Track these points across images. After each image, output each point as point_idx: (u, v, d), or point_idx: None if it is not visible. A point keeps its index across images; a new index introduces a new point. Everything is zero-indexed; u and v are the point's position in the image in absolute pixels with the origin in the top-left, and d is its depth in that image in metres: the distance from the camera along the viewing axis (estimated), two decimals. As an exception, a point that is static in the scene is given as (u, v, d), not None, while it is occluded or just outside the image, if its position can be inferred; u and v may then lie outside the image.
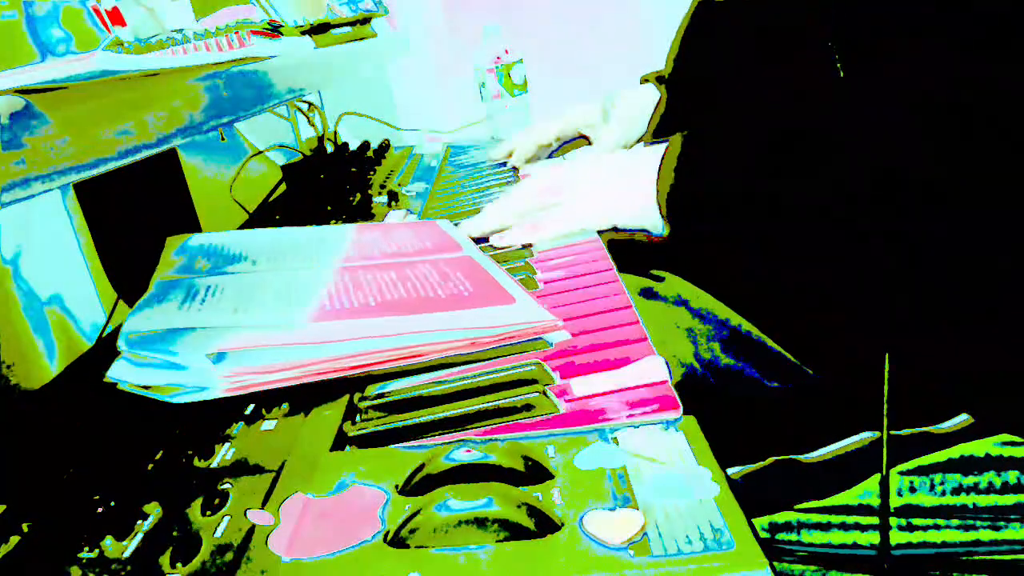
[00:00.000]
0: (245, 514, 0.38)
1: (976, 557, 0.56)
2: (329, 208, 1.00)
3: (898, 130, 0.47)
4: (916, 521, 0.57)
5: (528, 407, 0.46)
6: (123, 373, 0.50)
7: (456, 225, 0.80)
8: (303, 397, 0.50)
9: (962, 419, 0.56)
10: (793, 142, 0.51)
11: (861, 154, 0.47)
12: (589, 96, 1.05)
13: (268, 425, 0.48)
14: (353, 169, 1.20)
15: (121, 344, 0.51)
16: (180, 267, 0.68)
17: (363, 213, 0.97)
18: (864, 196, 0.49)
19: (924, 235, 0.51)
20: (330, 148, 1.31)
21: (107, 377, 0.50)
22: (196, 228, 0.91)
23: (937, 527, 0.56)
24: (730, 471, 0.60)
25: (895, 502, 0.56)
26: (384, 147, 1.36)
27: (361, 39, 1.07)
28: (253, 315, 0.56)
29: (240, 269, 0.68)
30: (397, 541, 0.35)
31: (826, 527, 0.59)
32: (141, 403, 0.49)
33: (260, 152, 1.20)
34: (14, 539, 0.39)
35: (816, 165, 0.50)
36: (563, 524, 0.34)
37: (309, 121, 1.28)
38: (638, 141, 0.99)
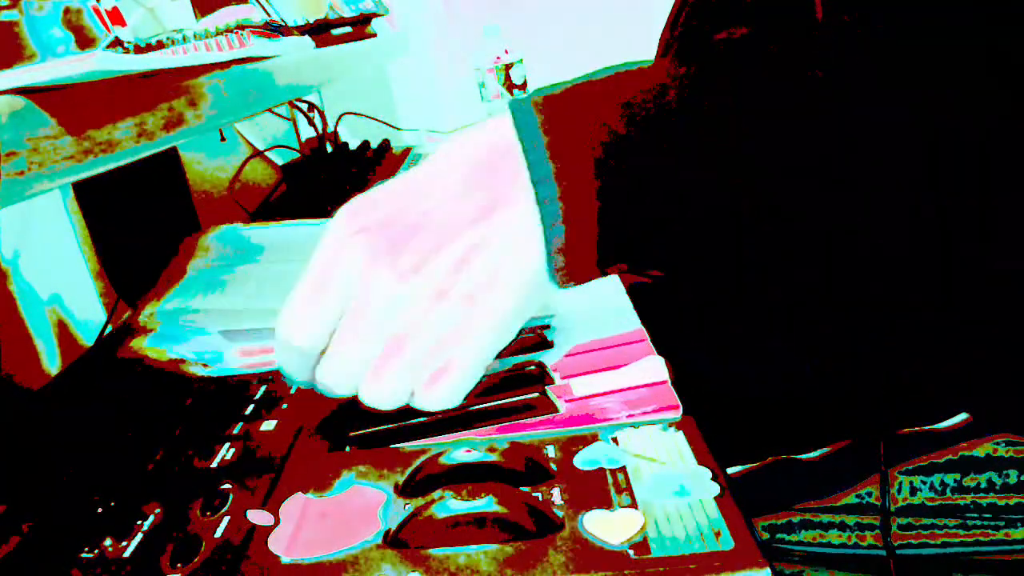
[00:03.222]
0: (245, 514, 0.38)
1: (976, 557, 0.56)
2: (329, 208, 1.00)
3: (897, 130, 0.47)
4: (916, 521, 0.57)
5: (528, 407, 0.46)
6: (150, 345, 0.52)
7: None
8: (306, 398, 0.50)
9: (962, 419, 0.56)
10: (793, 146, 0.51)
11: (861, 156, 0.47)
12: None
13: (268, 425, 0.48)
14: (353, 169, 1.20)
15: (150, 319, 0.52)
16: (210, 256, 0.69)
17: (363, 213, 0.97)
18: (862, 197, 0.49)
19: (924, 234, 0.51)
20: (330, 148, 1.31)
21: (135, 346, 0.51)
22: (196, 228, 0.91)
23: (937, 527, 0.56)
24: (730, 471, 0.60)
25: (895, 502, 0.56)
26: (384, 147, 1.36)
27: (361, 39, 1.07)
28: (275, 299, 0.57)
29: (266, 259, 0.69)
30: (397, 541, 0.35)
31: (826, 527, 0.58)
32: (141, 403, 0.49)
33: (260, 152, 1.20)
34: (14, 539, 0.39)
35: (815, 167, 0.50)
36: (563, 524, 0.34)
37: (309, 121, 1.28)
38: None
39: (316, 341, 0.40)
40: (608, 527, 0.34)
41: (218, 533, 0.38)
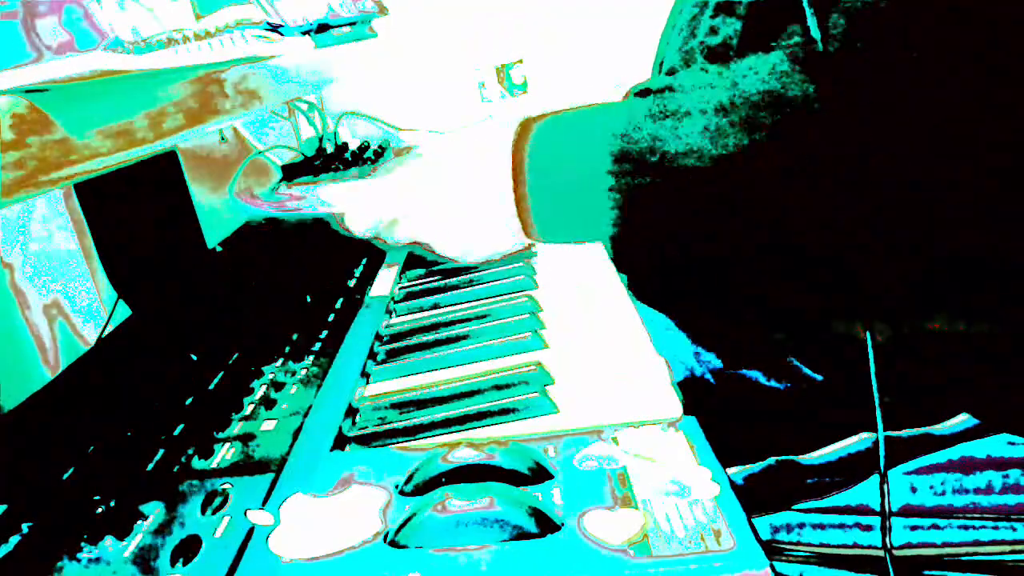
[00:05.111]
0: (245, 514, 0.38)
1: (976, 557, 0.56)
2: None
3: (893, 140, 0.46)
4: (916, 521, 0.57)
5: (528, 407, 0.46)
6: None
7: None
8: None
9: (962, 419, 0.56)
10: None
11: (860, 163, 0.47)
12: (589, 96, 1.03)
13: (268, 425, 0.48)
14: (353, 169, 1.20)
15: None
16: None
17: (363, 213, 0.96)
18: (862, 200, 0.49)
19: (924, 237, 0.51)
20: (330, 148, 1.31)
21: None
22: (196, 228, 0.91)
23: (937, 527, 0.56)
24: (730, 471, 0.60)
25: (896, 503, 0.56)
26: (384, 147, 1.36)
27: (361, 39, 1.07)
28: None
29: None
30: (397, 541, 0.35)
31: (826, 527, 0.58)
32: (141, 403, 0.49)
33: (260, 152, 1.20)
34: (14, 539, 0.39)
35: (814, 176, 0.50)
36: (563, 524, 0.34)
37: (309, 121, 1.28)
38: None
39: None
40: (608, 527, 0.34)
41: (218, 533, 0.38)
